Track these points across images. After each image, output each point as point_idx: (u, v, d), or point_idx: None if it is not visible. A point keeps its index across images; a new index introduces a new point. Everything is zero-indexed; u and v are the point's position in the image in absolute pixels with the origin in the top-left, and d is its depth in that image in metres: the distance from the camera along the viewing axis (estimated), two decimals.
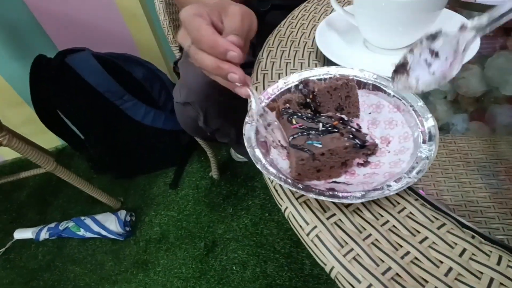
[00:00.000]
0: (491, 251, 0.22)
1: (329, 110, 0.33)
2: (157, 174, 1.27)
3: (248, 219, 1.08)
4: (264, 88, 0.38)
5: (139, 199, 1.21)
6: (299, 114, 0.31)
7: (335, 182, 0.28)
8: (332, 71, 0.35)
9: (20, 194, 1.33)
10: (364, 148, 0.29)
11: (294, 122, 0.30)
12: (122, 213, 1.12)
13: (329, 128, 0.30)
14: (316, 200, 0.26)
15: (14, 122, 1.26)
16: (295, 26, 0.47)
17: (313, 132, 0.29)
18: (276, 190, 0.28)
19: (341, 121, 0.32)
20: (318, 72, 0.35)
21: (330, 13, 0.46)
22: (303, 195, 0.27)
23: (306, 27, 0.47)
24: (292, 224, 0.26)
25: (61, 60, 0.99)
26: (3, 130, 0.88)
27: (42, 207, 1.26)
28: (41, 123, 1.10)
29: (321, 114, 0.33)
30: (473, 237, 0.23)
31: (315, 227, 0.24)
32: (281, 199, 0.27)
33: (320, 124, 0.30)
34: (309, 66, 0.40)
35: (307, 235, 0.24)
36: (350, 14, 0.41)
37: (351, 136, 0.29)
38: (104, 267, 1.06)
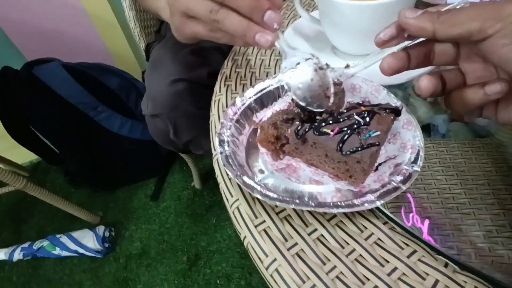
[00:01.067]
0: (465, 282, 0.20)
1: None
2: (137, 186, 1.23)
3: (231, 230, 1.04)
4: (226, 104, 0.35)
5: (119, 213, 1.16)
6: (323, 123, 0.28)
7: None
8: (285, 78, 0.33)
9: None
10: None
11: (329, 131, 0.27)
12: (101, 229, 1.07)
13: (366, 116, 0.27)
14: (276, 227, 0.24)
15: None
16: None
17: (356, 127, 0.26)
18: (235, 217, 0.25)
19: (362, 106, 0.29)
20: (272, 82, 0.33)
21: (299, 18, 0.44)
22: (263, 221, 0.24)
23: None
24: (251, 256, 0.23)
25: (28, 72, 0.94)
26: None
27: (17, 225, 1.20)
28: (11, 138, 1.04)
29: (340, 111, 0.29)
30: (446, 265, 0.21)
31: (275, 259, 0.22)
32: (240, 227, 0.24)
33: (355, 117, 0.27)
34: (275, 73, 0.38)
35: (266, 268, 0.22)
36: (317, 19, 0.39)
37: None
38: (82, 287, 1.01)
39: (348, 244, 0.22)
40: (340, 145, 0.26)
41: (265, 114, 0.32)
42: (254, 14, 0.27)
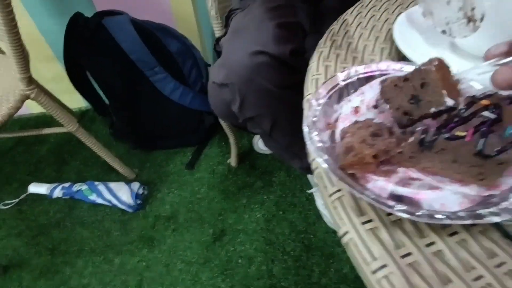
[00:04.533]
0: None
1: (400, 106, 0.27)
2: (175, 152, 1.25)
3: (261, 214, 1.04)
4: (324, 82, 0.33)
5: (154, 174, 1.19)
6: (452, 124, 0.25)
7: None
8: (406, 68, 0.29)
9: (40, 148, 1.33)
10: None
11: (463, 134, 0.24)
12: (136, 185, 1.10)
13: (493, 109, 0.24)
14: (387, 230, 0.21)
15: (44, 77, 1.25)
16: (365, 16, 0.41)
17: (489, 123, 0.23)
18: (335, 207, 0.23)
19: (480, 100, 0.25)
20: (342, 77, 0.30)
21: (408, 6, 0.40)
22: (369, 220, 0.22)
23: (378, 19, 0.41)
24: (352, 255, 0.21)
25: (98, 21, 0.95)
26: (32, 84, 0.86)
27: (60, 165, 1.27)
28: (69, 82, 1.08)
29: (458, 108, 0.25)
30: None
31: (385, 265, 0.19)
32: (342, 220, 0.22)
33: (484, 114, 0.24)
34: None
35: (373, 273, 0.19)
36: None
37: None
38: (110, 235, 1.05)
39: (475, 268, 0.19)
40: (481, 147, 0.22)
41: (339, 113, 0.29)
42: None
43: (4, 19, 0.69)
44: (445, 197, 0.23)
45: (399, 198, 0.23)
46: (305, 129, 0.26)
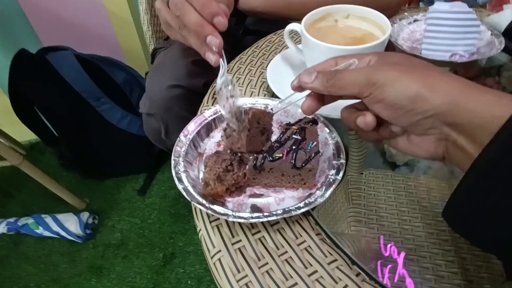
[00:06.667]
0: None
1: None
2: (127, 179, 1.26)
3: None
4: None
5: (104, 202, 1.20)
6: (272, 151, 0.32)
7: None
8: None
9: None
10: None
11: (280, 155, 0.31)
12: (85, 215, 1.10)
13: (300, 133, 0.33)
14: (227, 224, 0.28)
15: None
16: (257, 55, 0.50)
17: (298, 144, 0.32)
18: (195, 210, 0.29)
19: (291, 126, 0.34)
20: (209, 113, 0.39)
21: (282, 49, 0.49)
22: (217, 218, 0.28)
23: (267, 58, 0.49)
24: (202, 247, 0.27)
25: (42, 56, 0.99)
26: None
27: (4, 200, 1.23)
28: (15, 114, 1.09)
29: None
30: (358, 274, 0.25)
31: (219, 251, 0.26)
32: (198, 220, 0.28)
33: (294, 137, 0.33)
34: (258, 95, 0.42)
35: (211, 258, 0.26)
36: (300, 50, 0.44)
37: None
38: (57, 268, 1.03)
39: (283, 246, 0.26)
40: (293, 162, 0.30)
41: (207, 146, 0.37)
42: (205, 14, 0.34)
43: None
44: (285, 201, 0.31)
45: (257, 208, 0.31)
46: (172, 161, 0.33)
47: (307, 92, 0.30)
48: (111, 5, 1.10)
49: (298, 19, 0.42)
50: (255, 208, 0.30)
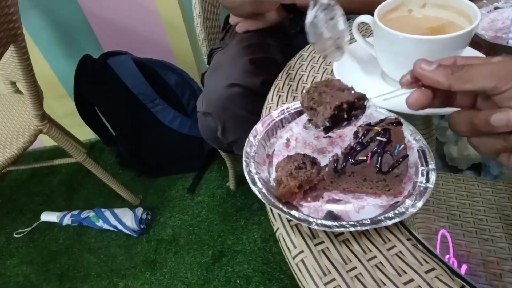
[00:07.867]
0: None
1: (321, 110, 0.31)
2: (177, 177, 1.31)
3: (258, 234, 1.07)
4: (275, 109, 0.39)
5: (157, 199, 1.25)
6: (354, 153, 0.30)
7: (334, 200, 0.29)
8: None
9: (53, 179, 1.42)
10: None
11: (364, 157, 0.29)
12: (139, 211, 1.16)
13: (384, 134, 0.30)
14: (309, 229, 0.27)
15: (57, 113, 1.37)
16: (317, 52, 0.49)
17: (384, 146, 0.29)
18: (271, 209, 0.28)
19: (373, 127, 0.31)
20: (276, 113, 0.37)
21: (355, 42, 0.47)
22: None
23: None
24: (281, 246, 0.26)
25: (104, 61, 1.07)
26: (45, 119, 0.96)
27: (70, 194, 1.35)
28: (79, 116, 1.19)
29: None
30: (462, 287, 0.22)
31: (302, 251, 0.25)
32: (275, 219, 0.28)
33: (377, 138, 0.30)
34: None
35: (293, 258, 0.25)
36: (371, 44, 0.41)
37: None
38: (115, 260, 1.10)
39: (371, 251, 0.24)
40: (378, 166, 0.28)
41: (275, 146, 0.36)
42: None
43: (21, 64, 0.80)
44: (366, 209, 0.29)
45: (333, 216, 0.29)
46: (244, 163, 0.33)
47: (412, 90, 0.26)
48: (165, 12, 1.15)
49: (358, 13, 0.40)
50: (331, 215, 0.29)
